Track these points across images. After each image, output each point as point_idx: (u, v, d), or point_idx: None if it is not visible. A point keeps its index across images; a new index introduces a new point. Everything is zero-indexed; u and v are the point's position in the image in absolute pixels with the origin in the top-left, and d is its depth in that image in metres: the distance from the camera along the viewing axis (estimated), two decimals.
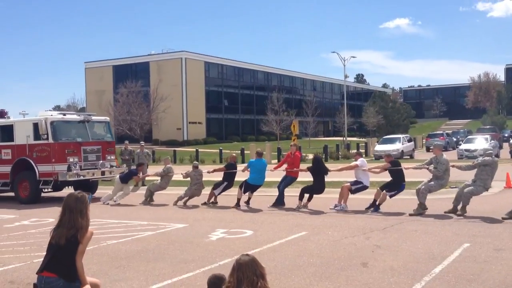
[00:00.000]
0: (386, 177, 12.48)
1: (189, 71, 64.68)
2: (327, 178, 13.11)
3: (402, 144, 35.06)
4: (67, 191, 17.72)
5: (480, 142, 32.15)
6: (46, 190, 16.54)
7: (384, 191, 11.94)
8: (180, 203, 14.26)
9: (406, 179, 12.36)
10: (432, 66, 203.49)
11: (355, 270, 6.86)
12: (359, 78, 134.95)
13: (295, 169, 13.44)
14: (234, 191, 14.07)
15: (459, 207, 10.99)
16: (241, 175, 14.14)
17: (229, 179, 14.00)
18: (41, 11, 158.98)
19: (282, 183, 13.44)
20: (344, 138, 50.99)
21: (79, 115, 17.53)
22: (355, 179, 12.68)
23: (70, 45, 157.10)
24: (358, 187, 12.51)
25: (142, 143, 23.48)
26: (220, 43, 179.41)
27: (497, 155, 26.78)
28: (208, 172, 14.65)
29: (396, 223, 10.32)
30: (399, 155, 31.56)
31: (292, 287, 6.20)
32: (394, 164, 12.12)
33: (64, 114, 17.20)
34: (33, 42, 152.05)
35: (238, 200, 13.37)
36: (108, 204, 15.04)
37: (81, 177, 15.92)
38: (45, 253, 4.47)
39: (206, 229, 10.28)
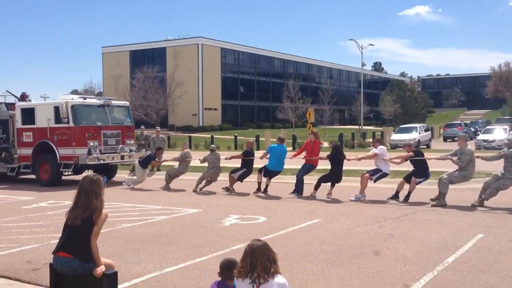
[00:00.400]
0: (407, 167, 12.27)
1: (205, 57, 64.62)
2: (344, 167, 12.92)
3: (419, 133, 34.71)
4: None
5: (499, 133, 31.71)
6: (66, 173, 16.72)
7: (413, 177, 11.58)
8: (200, 186, 14.15)
9: (430, 169, 11.97)
10: (451, 55, 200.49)
11: (367, 258, 6.87)
12: (377, 67, 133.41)
13: (314, 157, 13.17)
14: (252, 177, 14.02)
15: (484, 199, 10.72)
16: (259, 162, 14.05)
17: (247, 165, 13.82)
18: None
19: (301, 171, 13.20)
20: (360, 127, 50.62)
21: (99, 99, 17.55)
22: (375, 167, 12.35)
23: (89, 31, 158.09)
24: (378, 175, 12.20)
25: (158, 128, 23.65)
26: (236, 30, 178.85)
27: None
28: (226, 159, 14.47)
29: (410, 212, 10.27)
30: (415, 145, 31.25)
31: (304, 273, 6.24)
32: (416, 154, 11.83)
33: (85, 98, 17.17)
34: (53, 29, 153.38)
35: (259, 184, 13.24)
36: (132, 187, 15.17)
37: (101, 161, 16.04)
38: (60, 234, 4.56)
39: (219, 215, 10.36)
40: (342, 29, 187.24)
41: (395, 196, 11.74)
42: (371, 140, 38.76)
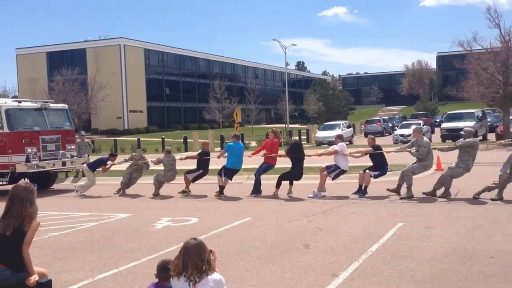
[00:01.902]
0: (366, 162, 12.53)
1: (128, 59, 63.08)
2: (304, 164, 12.75)
3: (342, 130, 36.12)
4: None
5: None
6: (1, 183, 15.47)
7: (367, 170, 11.91)
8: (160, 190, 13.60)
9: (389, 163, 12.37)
10: (369, 54, 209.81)
11: (298, 251, 7.15)
12: (300, 66, 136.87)
13: (273, 154, 12.93)
14: (206, 179, 13.82)
15: (438, 191, 11.06)
16: (216, 163, 13.80)
17: (204, 166, 13.47)
18: None
19: (259, 170, 12.94)
20: (286, 125, 51.79)
21: (35, 103, 16.34)
22: (334, 163, 12.38)
23: (1, 31, 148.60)
24: (336, 173, 12.24)
25: (83, 132, 22.83)
26: (160, 30, 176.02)
27: (429, 139, 28.25)
28: (181, 159, 14.02)
29: (336, 206, 10.76)
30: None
31: (238, 270, 6.39)
32: (375, 149, 12.04)
33: (19, 102, 15.95)
34: None
35: (221, 187, 12.88)
36: (84, 195, 14.24)
37: (41, 169, 15.02)
38: None
39: (151, 218, 10.27)
40: (265, 29, 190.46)
41: (359, 190, 11.93)
42: (297, 137, 39.88)
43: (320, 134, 35.80)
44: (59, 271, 6.68)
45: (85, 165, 14.98)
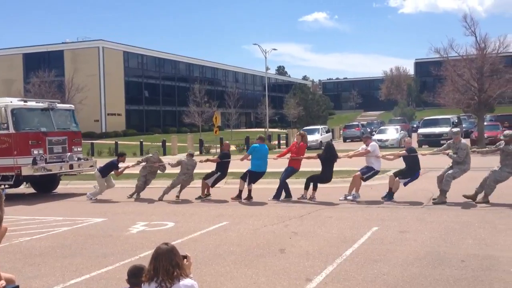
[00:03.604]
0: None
1: (107, 61, 62.44)
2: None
3: (321, 135, 36.42)
4: (25, 188, 16.39)
5: (391, 133, 34.18)
6: (4, 186, 14.64)
7: (397, 178, 11.45)
8: (167, 196, 13.10)
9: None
10: (349, 59, 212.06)
11: (273, 256, 7.15)
12: (280, 70, 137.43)
13: (301, 156, 12.50)
14: (230, 182, 13.54)
15: (480, 195, 10.75)
16: (235, 166, 13.47)
17: (222, 169, 13.04)
18: None
19: (283, 174, 12.50)
20: (266, 129, 51.89)
21: (42, 102, 15.65)
22: (366, 165, 11.98)
23: None
24: (369, 174, 11.89)
25: None
26: (139, 33, 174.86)
27: None
28: (201, 162, 13.40)
29: (313, 210, 10.79)
30: (318, 146, 32.79)
31: (212, 275, 6.36)
32: (410, 151, 11.61)
33: (25, 101, 15.27)
34: None
35: (240, 192, 12.47)
36: (94, 200, 13.68)
37: (48, 172, 14.33)
38: None
39: (126, 223, 10.15)
40: (246, 33, 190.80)
41: (389, 194, 11.52)
42: (276, 142, 39.99)
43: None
44: (30, 277, 6.55)
45: (96, 170, 14.25)
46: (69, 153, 15.18)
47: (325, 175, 12.11)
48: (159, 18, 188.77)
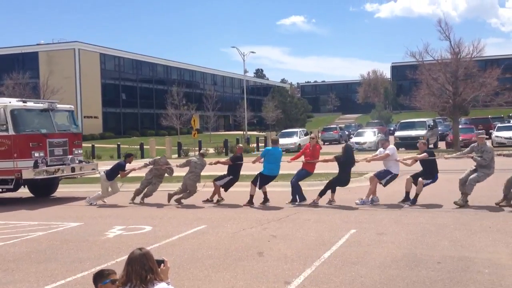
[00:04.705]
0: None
1: (83, 63, 61.64)
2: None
3: (299, 138, 36.55)
4: (23, 191, 15.76)
5: (369, 135, 34.54)
6: (1, 190, 14.14)
7: (420, 178, 11.08)
8: (177, 197, 12.60)
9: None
10: (326, 63, 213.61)
11: (252, 259, 7.13)
12: (259, 73, 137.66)
13: (317, 160, 12.24)
14: (240, 185, 13.02)
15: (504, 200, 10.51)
16: (246, 169, 13.13)
17: (234, 172, 12.56)
18: None
19: (294, 176, 12.19)
20: (245, 132, 51.88)
21: (42, 103, 15.06)
22: (384, 168, 11.63)
23: None
24: (388, 178, 11.53)
25: None
26: (116, 35, 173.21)
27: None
28: (210, 164, 12.97)
29: (291, 213, 10.81)
30: (296, 149, 32.94)
31: (190, 279, 6.31)
32: (429, 155, 11.28)
33: (24, 101, 14.60)
34: None
35: (251, 197, 12.04)
36: (95, 205, 13.13)
37: (50, 175, 13.83)
38: None
39: (102, 227, 10.01)
40: (224, 36, 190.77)
41: (407, 198, 11.29)
42: (254, 145, 40.01)
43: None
44: (3, 283, 6.40)
45: (102, 172, 13.55)
46: (70, 156, 14.65)
47: (343, 178, 11.74)
48: (136, 20, 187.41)
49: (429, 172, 11.17)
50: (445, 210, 10.50)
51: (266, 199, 12.12)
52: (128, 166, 13.55)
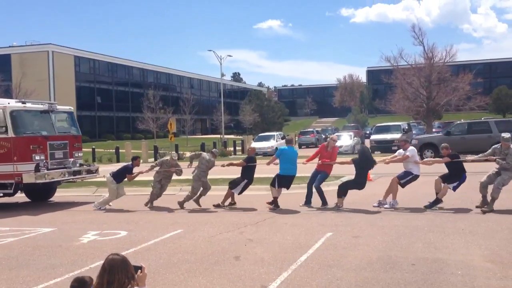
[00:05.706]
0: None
1: (57, 65, 60.69)
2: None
3: (276, 141, 36.67)
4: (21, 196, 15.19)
5: (345, 139, 34.84)
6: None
7: (445, 184, 10.87)
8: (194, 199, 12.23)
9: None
10: (303, 67, 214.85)
11: (228, 263, 7.11)
12: (236, 77, 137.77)
13: (333, 161, 11.97)
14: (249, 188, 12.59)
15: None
16: (259, 171, 12.79)
17: (249, 175, 12.19)
18: None
19: (317, 180, 11.83)
20: (222, 136, 51.78)
21: (42, 104, 14.40)
22: (404, 170, 11.36)
23: None
24: (408, 179, 11.27)
25: None
26: (91, 37, 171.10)
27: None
28: (223, 166, 12.67)
29: (268, 217, 10.81)
30: (273, 152, 32.96)
31: (166, 284, 6.24)
32: (453, 157, 10.97)
33: (24, 102, 14.00)
34: None
35: (275, 198, 11.75)
36: (103, 209, 12.70)
37: (52, 179, 13.32)
38: None
39: (76, 232, 9.84)
40: (201, 39, 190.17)
41: (437, 201, 10.95)
42: (232, 148, 39.95)
43: (255, 145, 35.99)
44: None
45: (108, 175, 13.06)
46: (71, 159, 14.19)
47: (360, 180, 11.48)
48: (112, 23, 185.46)
49: (455, 174, 10.96)
50: (420, 212, 10.65)
51: (276, 202, 11.83)
52: (135, 169, 13.18)
